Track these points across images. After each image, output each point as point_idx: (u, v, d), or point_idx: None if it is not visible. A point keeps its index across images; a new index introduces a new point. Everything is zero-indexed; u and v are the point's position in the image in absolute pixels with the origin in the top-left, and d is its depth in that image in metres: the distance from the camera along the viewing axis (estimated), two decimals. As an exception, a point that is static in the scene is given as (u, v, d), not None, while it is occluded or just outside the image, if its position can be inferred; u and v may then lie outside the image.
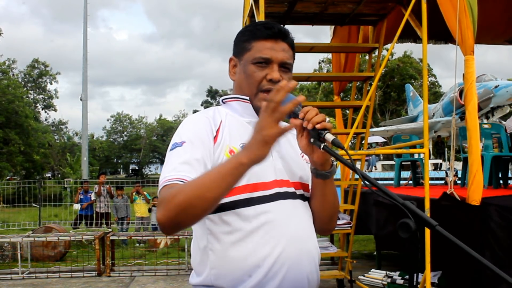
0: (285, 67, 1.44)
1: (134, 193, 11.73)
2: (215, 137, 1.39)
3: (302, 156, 1.52)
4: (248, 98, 1.47)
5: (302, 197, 1.46)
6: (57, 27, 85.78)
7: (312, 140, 1.33)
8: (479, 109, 11.35)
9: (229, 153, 1.37)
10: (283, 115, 1.22)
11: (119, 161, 54.24)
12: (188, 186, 1.24)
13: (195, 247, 1.43)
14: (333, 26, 6.13)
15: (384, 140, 23.07)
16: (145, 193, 11.72)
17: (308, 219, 1.45)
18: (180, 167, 1.31)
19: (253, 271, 1.32)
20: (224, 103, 1.55)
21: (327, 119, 1.34)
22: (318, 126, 1.28)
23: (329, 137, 1.28)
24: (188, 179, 1.28)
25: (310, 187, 1.50)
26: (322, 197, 1.47)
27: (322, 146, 1.30)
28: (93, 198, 11.64)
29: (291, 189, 1.42)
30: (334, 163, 1.44)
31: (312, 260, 1.41)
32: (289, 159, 1.47)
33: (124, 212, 11.53)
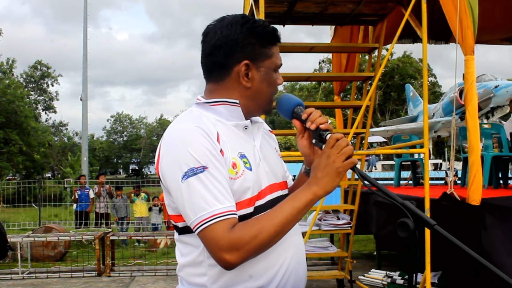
0: None
1: (132, 194, 11.77)
2: (221, 151, 1.30)
3: (276, 151, 1.54)
4: (237, 101, 1.38)
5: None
6: (59, 27, 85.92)
7: (314, 141, 1.35)
8: (479, 109, 11.34)
9: (232, 167, 1.31)
10: (350, 151, 1.28)
11: (119, 161, 54.25)
12: (267, 223, 1.23)
13: (187, 259, 1.36)
14: (333, 26, 6.13)
15: (384, 140, 23.07)
16: (143, 194, 11.76)
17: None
18: (221, 198, 1.24)
19: (259, 282, 1.31)
20: (198, 104, 1.42)
21: (329, 120, 1.35)
22: (322, 126, 1.31)
23: None
24: (235, 210, 1.26)
25: (287, 183, 1.52)
26: None
27: (323, 147, 1.32)
28: (91, 196, 11.65)
29: (280, 193, 1.43)
30: None
31: (304, 261, 1.45)
32: (270, 159, 1.46)
33: (124, 212, 11.55)
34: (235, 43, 1.35)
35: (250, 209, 1.32)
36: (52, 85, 38.15)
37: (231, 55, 1.35)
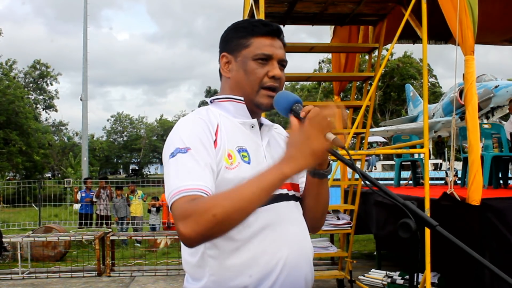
0: (282, 64, 1.45)
1: (128, 194, 11.76)
2: (215, 141, 1.34)
3: None
4: (242, 98, 1.43)
5: (294, 198, 1.46)
6: (60, 27, 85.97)
7: None
8: (479, 109, 11.34)
9: (227, 157, 1.33)
10: (329, 128, 1.21)
11: (119, 161, 54.25)
12: (224, 198, 1.18)
13: (189, 252, 1.37)
14: (333, 26, 6.13)
15: (385, 140, 23.07)
16: (140, 192, 11.74)
17: (302, 219, 1.46)
18: (195, 176, 1.24)
19: (254, 277, 1.31)
20: (212, 102, 1.49)
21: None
22: None
23: (330, 136, 1.28)
24: (208, 190, 1.23)
25: (300, 187, 1.50)
26: (317, 196, 1.48)
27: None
28: (94, 199, 11.68)
29: (284, 191, 1.42)
30: (330, 162, 1.46)
31: (309, 261, 1.42)
32: None
33: (124, 212, 11.55)
34: (222, 40, 1.51)
35: None
36: (52, 84, 38.16)
37: (220, 52, 1.50)
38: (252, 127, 1.44)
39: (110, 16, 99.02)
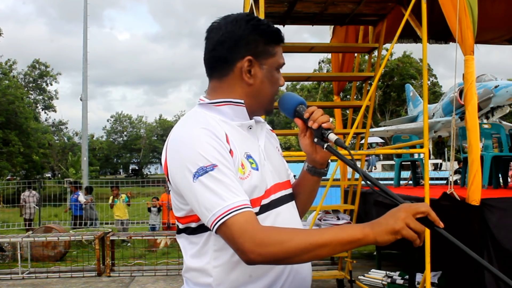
0: None
1: (111, 197, 11.56)
2: (230, 151, 1.29)
3: (278, 150, 1.54)
4: (242, 101, 1.37)
5: (291, 196, 1.47)
6: (62, 27, 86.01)
7: (315, 139, 1.36)
8: (479, 109, 11.35)
9: (241, 167, 1.30)
10: (421, 229, 1.16)
11: (119, 161, 54.24)
12: (300, 236, 1.18)
13: (193, 260, 1.35)
14: (332, 26, 6.13)
15: (382, 141, 23.07)
16: (123, 195, 11.55)
17: (300, 219, 1.48)
18: (234, 192, 1.22)
19: (264, 282, 1.31)
20: (200, 105, 1.40)
21: (330, 119, 1.36)
22: (324, 125, 1.31)
23: (332, 137, 1.30)
24: (249, 203, 1.23)
25: (290, 183, 1.52)
26: (311, 192, 1.53)
27: (325, 146, 1.32)
28: (81, 200, 11.69)
29: (284, 192, 1.42)
30: (329, 161, 1.49)
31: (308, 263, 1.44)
32: (274, 159, 1.46)
33: (93, 214, 11.68)
34: (239, 38, 1.34)
35: (256, 209, 1.30)
36: (51, 84, 38.11)
37: (234, 50, 1.34)
38: (250, 128, 1.40)
39: (112, 16, 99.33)
